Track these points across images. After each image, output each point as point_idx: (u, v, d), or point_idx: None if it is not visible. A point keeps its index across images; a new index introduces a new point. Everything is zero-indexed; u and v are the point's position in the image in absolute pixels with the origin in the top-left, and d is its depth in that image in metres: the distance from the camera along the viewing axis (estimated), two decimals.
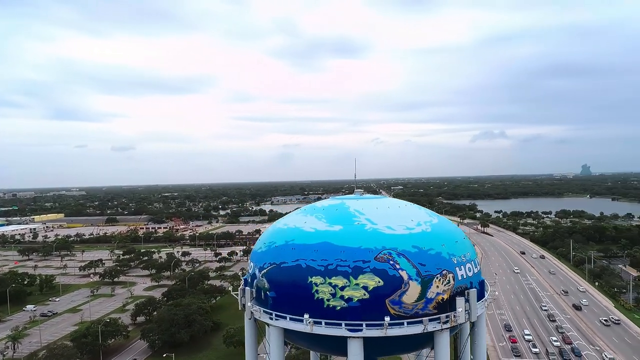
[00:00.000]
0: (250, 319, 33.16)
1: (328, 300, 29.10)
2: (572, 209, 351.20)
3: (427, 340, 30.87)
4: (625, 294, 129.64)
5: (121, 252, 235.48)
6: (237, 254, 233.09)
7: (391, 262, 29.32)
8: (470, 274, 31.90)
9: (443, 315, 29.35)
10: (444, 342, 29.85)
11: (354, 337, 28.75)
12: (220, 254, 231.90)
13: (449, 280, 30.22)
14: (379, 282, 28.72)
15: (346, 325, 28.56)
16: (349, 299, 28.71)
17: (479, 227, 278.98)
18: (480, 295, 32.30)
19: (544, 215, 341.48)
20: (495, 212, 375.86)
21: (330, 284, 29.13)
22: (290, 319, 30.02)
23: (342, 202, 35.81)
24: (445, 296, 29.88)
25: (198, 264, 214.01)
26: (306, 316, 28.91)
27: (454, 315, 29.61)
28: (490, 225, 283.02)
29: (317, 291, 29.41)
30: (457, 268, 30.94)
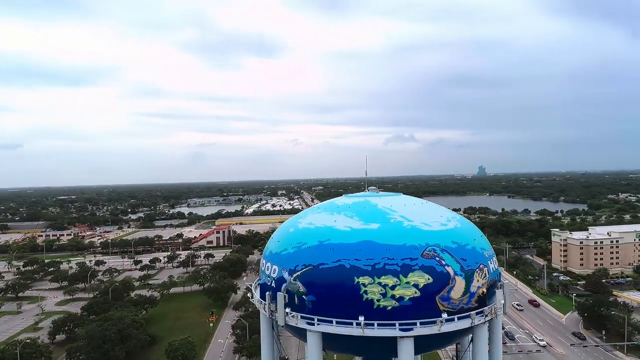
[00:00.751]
0: (283, 326, 30.56)
1: (378, 300, 27.96)
2: (478, 206, 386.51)
3: (462, 334, 31.20)
4: (539, 281, 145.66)
5: (21, 264, 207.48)
6: (160, 260, 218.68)
7: (437, 258, 29.07)
8: (495, 267, 32.88)
9: (487, 308, 29.86)
10: (483, 335, 30.41)
11: (406, 337, 27.91)
12: (141, 261, 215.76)
13: (485, 274, 30.83)
14: (429, 279, 28.29)
15: (400, 325, 27.63)
16: (401, 298, 27.87)
17: None
18: None
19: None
20: None
21: (379, 283, 28.02)
22: (337, 322, 28.26)
23: (366, 199, 34.87)
24: (484, 289, 30.43)
25: (117, 274, 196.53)
26: (361, 318, 27.47)
27: (495, 308, 30.25)
28: None
29: (365, 292, 28.10)
30: (489, 261, 31.70)
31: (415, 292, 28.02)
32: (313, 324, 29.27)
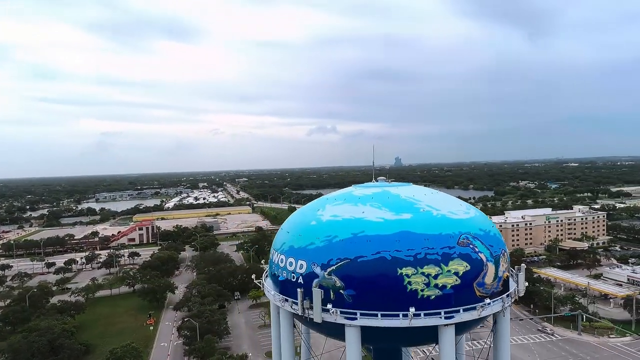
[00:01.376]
0: (320, 323, 28.98)
1: (422, 290, 27.75)
2: None
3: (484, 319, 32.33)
4: None
5: None
6: (76, 261, 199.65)
7: (470, 245, 29.60)
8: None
9: (512, 291, 31.16)
10: (507, 316, 31.74)
11: (449, 324, 28.13)
12: (54, 263, 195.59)
13: (506, 259, 32.21)
14: (467, 266, 28.71)
15: (445, 313, 27.78)
16: (443, 287, 27.96)
17: None
18: None
19: None
20: None
21: (423, 273, 27.81)
22: (383, 315, 27.58)
23: (384, 189, 34.39)
24: (507, 273, 31.75)
25: (28, 278, 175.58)
26: (412, 309, 27.04)
27: (517, 290, 31.71)
28: None
29: (409, 282, 27.72)
30: (505, 246, 33.13)
31: (456, 280, 28.28)
32: (354, 319, 28.28)
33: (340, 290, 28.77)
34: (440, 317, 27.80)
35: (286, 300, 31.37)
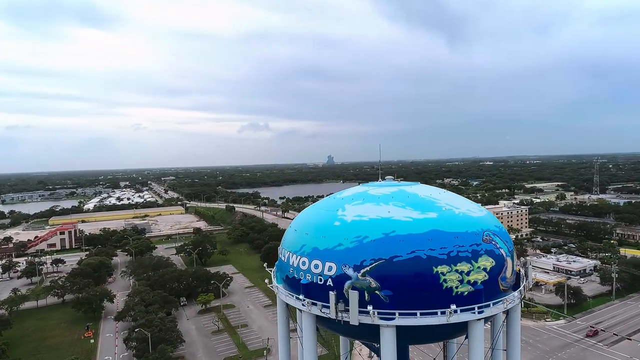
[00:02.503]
0: (358, 324, 28.34)
1: (457, 287, 28.42)
2: None
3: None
4: None
5: None
6: None
7: (493, 242, 30.86)
8: None
9: (525, 283, 32.99)
10: (519, 308, 33.56)
11: (479, 319, 29.06)
12: None
13: (516, 254, 34.03)
14: (492, 262, 29.89)
15: (478, 308, 28.66)
16: (475, 283, 28.83)
17: (279, 212, 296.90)
18: None
19: (320, 199, 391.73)
20: (280, 198, 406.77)
21: (456, 271, 28.48)
22: (422, 313, 27.78)
23: (400, 189, 34.67)
24: (519, 267, 33.55)
25: None
26: (453, 306, 27.62)
27: (528, 282, 33.65)
28: (275, 209, 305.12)
29: (445, 280, 28.26)
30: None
31: (485, 276, 29.31)
32: (391, 319, 28.13)
33: (376, 291, 28.48)
34: (474, 312, 28.64)
35: (314, 304, 30.30)
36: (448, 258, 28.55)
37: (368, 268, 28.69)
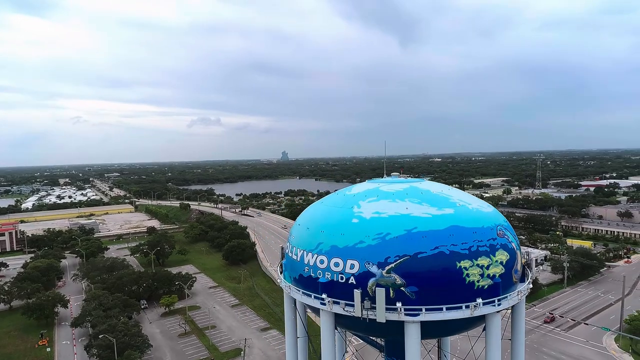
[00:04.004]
0: (383, 321, 28.15)
1: (478, 281, 29.03)
2: (296, 189, 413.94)
3: None
4: None
5: None
6: None
7: (505, 236, 31.86)
8: None
9: (531, 275, 34.33)
10: (524, 299, 34.89)
11: (498, 311, 29.92)
12: None
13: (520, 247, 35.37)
14: (507, 255, 30.83)
15: (497, 300, 29.47)
16: (493, 276, 29.58)
17: (238, 210, 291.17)
18: None
19: (279, 196, 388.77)
20: (237, 194, 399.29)
21: (478, 265, 29.10)
22: (447, 308, 28.13)
23: (411, 185, 34.81)
24: (525, 260, 34.87)
25: None
26: (479, 300, 28.26)
27: (533, 273, 35.06)
28: (238, 207, 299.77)
29: (467, 275, 28.78)
30: None
31: (502, 269, 30.18)
32: (417, 315, 28.25)
33: (401, 288, 28.46)
34: (494, 305, 29.42)
35: (336, 302, 29.78)
36: (469, 253, 29.08)
37: (393, 265, 28.59)
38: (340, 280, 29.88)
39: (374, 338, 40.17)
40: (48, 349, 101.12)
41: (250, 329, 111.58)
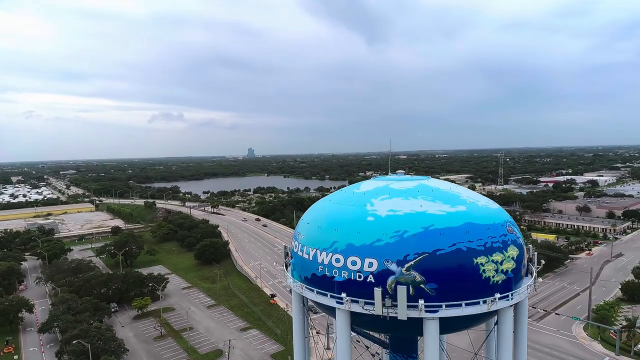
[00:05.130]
0: (404, 319, 28.21)
1: (493, 277, 29.59)
2: (265, 186, 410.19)
3: None
4: None
5: None
6: None
7: (513, 232, 32.66)
8: None
9: (533, 268, 35.39)
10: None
11: (511, 305, 30.71)
12: None
13: None
14: (517, 251, 31.63)
15: (511, 295, 30.20)
16: (506, 271, 30.27)
17: (208, 208, 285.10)
18: None
19: (248, 193, 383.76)
20: (204, 192, 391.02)
21: (492, 261, 29.63)
22: (467, 304, 28.55)
23: (421, 183, 35.15)
24: (528, 255, 35.90)
25: None
26: (497, 295, 28.88)
27: (537, 267, 36.19)
28: (200, 204, 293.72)
29: (484, 271, 29.27)
30: None
31: (513, 264, 30.93)
32: (436, 311, 28.49)
33: (421, 285, 28.61)
34: (508, 299, 30.14)
35: (355, 301, 29.58)
36: (485, 249, 29.59)
37: (412, 262, 28.67)
38: (358, 279, 29.69)
39: (377, 335, 40.52)
40: (15, 357, 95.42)
41: (229, 329, 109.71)
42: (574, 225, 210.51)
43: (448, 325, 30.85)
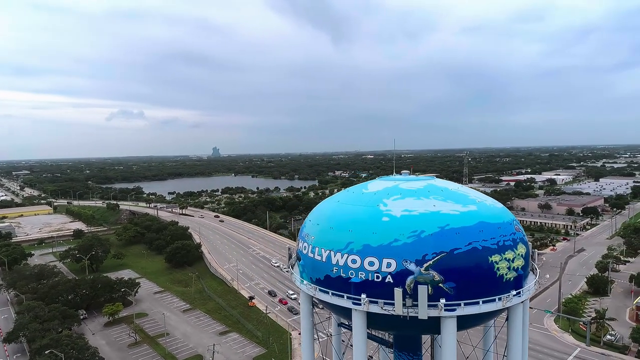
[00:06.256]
0: (425, 318, 28.37)
1: (506, 274, 30.34)
2: (234, 186, 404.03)
3: None
4: None
5: None
6: None
7: (520, 230, 33.69)
8: None
9: (535, 266, 36.58)
10: None
11: (523, 301, 31.64)
12: None
13: None
14: (525, 248, 32.65)
15: (523, 291, 31.06)
16: (517, 269, 31.12)
17: (175, 209, 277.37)
18: None
19: (216, 194, 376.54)
20: (169, 193, 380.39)
21: (505, 259, 30.42)
22: (484, 302, 29.10)
23: (429, 183, 35.57)
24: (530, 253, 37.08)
25: None
26: (513, 292, 29.63)
27: (537, 264, 37.41)
28: (159, 205, 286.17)
29: (498, 269, 29.98)
30: None
31: (523, 262, 31.91)
32: (454, 310, 28.85)
33: (440, 284, 28.89)
34: (519, 296, 30.99)
35: (373, 302, 29.49)
36: (498, 247, 30.32)
37: (431, 262, 28.93)
38: (376, 280, 29.65)
39: (379, 334, 40.64)
40: None
41: (207, 333, 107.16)
42: (537, 223, 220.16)
43: (462, 324, 31.38)
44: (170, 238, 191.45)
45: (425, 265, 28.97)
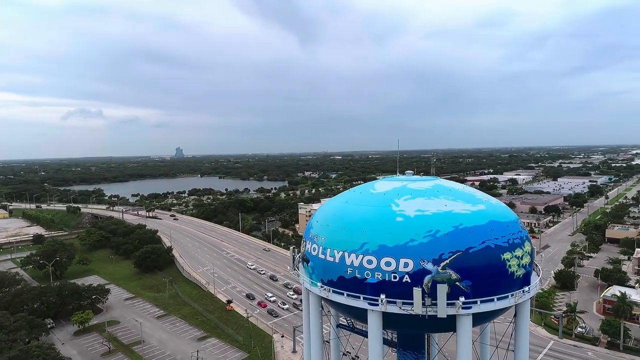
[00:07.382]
0: (444, 317, 28.68)
1: (516, 271, 31.23)
2: (201, 188, 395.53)
3: None
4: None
5: None
6: None
7: (525, 228, 34.77)
8: None
9: (537, 262, 37.82)
10: None
11: (531, 297, 32.61)
12: None
13: None
14: (530, 246, 33.81)
15: (531, 288, 32.05)
16: (525, 266, 32.08)
17: (142, 212, 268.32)
18: None
19: (182, 195, 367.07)
20: (133, 195, 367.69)
21: (515, 256, 31.31)
22: (498, 299, 29.80)
23: (436, 183, 36.07)
24: None
25: None
26: (526, 288, 30.32)
27: (537, 261, 38.67)
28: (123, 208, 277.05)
29: (509, 266, 30.82)
30: None
31: (529, 259, 32.97)
32: (470, 307, 29.33)
33: (457, 283, 29.30)
34: (528, 292, 31.95)
35: (391, 302, 29.52)
36: (508, 245, 31.19)
37: (448, 261, 29.34)
38: (393, 280, 29.75)
39: (384, 334, 40.77)
40: None
41: (184, 340, 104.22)
42: None
43: (474, 321, 31.99)
44: (139, 242, 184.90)
45: (442, 264, 29.35)
